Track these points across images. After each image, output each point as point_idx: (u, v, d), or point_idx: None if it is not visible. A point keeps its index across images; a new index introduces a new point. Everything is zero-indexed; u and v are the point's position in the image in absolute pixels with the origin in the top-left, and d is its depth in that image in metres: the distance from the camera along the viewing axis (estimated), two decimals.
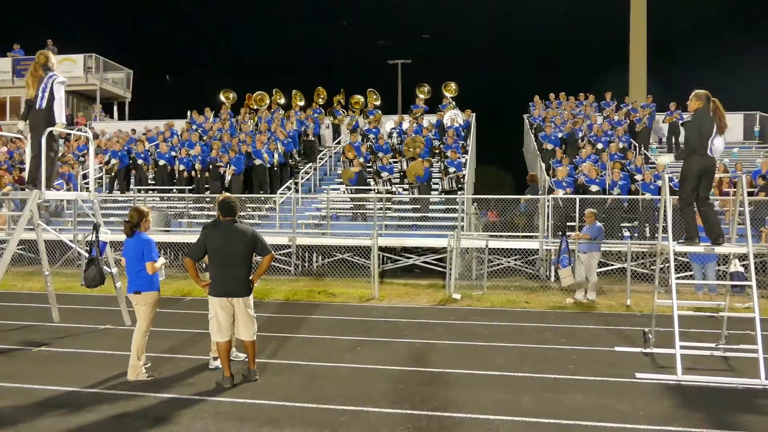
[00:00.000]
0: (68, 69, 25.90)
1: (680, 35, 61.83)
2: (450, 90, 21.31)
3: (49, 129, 7.72)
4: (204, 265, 6.24)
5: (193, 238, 6.30)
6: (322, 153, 19.80)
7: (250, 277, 5.97)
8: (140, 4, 68.40)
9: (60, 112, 7.83)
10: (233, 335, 6.07)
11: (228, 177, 16.51)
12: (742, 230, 8.31)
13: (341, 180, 17.34)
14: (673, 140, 19.24)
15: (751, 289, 6.44)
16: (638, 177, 14.53)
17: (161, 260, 6.25)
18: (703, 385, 6.03)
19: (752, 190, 13.44)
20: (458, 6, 70.87)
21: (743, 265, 10.11)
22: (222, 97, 22.41)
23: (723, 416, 5.21)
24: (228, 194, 6.38)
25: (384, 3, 68.89)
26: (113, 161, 18.35)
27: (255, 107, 22.12)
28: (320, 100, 22.06)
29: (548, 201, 13.37)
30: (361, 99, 21.96)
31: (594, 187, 14.21)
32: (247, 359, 6.22)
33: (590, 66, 60.99)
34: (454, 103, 21.09)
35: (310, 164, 19.02)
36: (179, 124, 21.93)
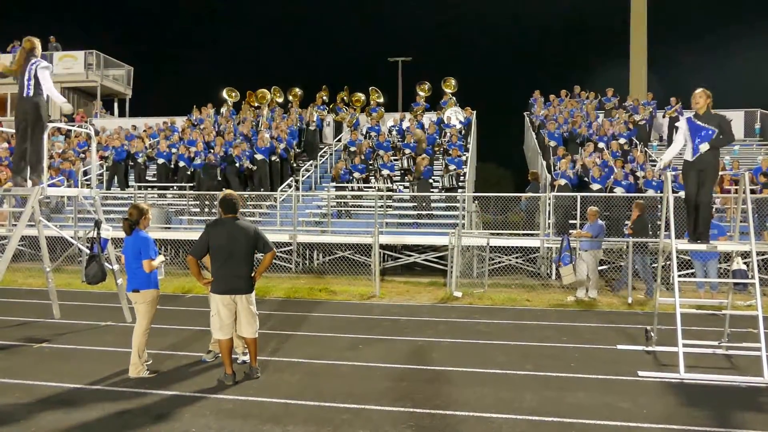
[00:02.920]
0: (69, 66, 25.88)
1: (681, 32, 61.85)
2: (449, 86, 21.24)
3: (58, 116, 7.71)
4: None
5: (193, 236, 6.29)
6: (323, 150, 19.76)
7: (252, 275, 5.96)
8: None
9: (57, 95, 7.88)
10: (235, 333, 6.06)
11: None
12: (744, 228, 8.29)
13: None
14: (674, 136, 19.15)
15: (754, 287, 6.43)
16: (640, 174, 14.49)
17: (159, 258, 6.22)
18: (705, 384, 6.02)
19: (754, 187, 13.41)
20: (459, 3, 70.87)
21: (746, 263, 10.11)
22: (225, 95, 22.37)
23: (726, 414, 5.20)
24: (230, 191, 6.36)
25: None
26: (109, 152, 18.34)
27: (257, 105, 22.08)
28: (323, 97, 21.99)
29: (549, 198, 13.34)
30: (362, 97, 21.91)
31: (595, 186, 14.17)
32: (249, 359, 6.21)
33: (591, 63, 61.05)
34: (454, 99, 21.02)
35: (311, 161, 18.99)
36: (180, 122, 21.91)
